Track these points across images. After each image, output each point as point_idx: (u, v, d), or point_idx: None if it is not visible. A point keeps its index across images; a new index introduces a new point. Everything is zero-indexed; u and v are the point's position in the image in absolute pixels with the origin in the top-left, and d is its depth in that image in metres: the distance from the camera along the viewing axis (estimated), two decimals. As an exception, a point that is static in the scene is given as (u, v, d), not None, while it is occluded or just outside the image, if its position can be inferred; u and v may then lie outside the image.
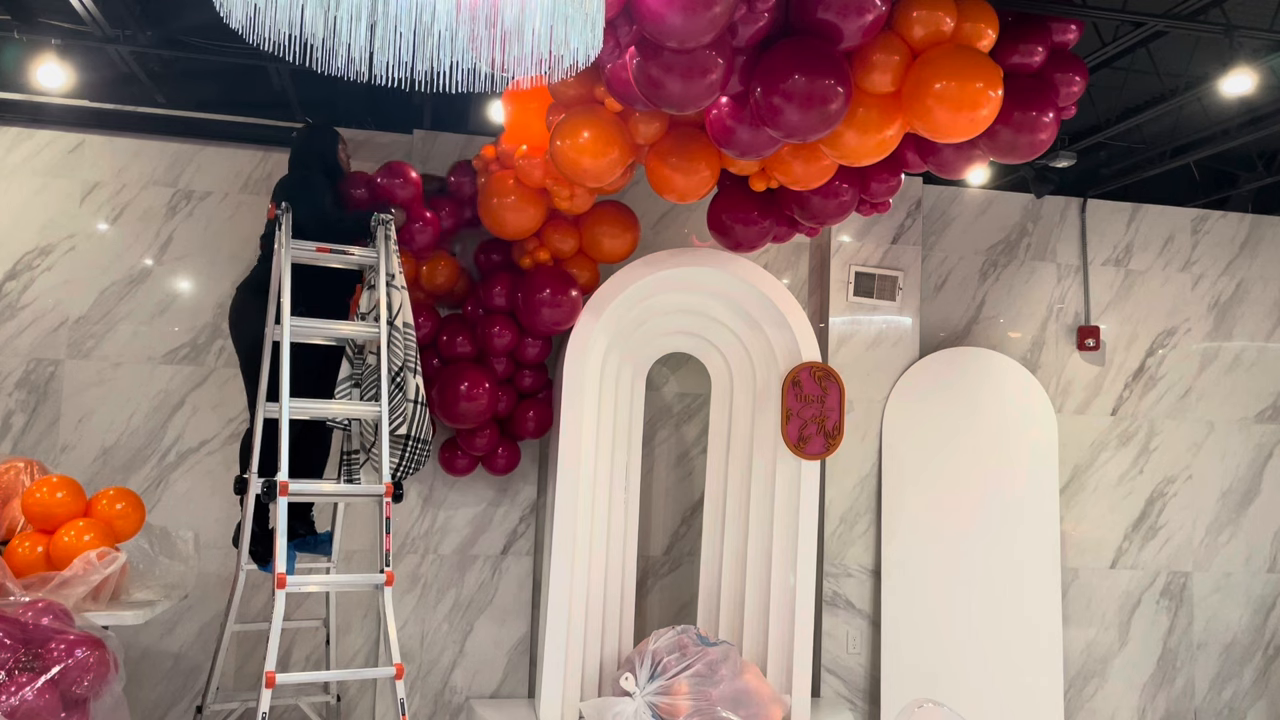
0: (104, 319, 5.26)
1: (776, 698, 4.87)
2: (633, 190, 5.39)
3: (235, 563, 4.31)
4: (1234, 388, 6.38)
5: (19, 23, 4.80)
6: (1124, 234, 6.34)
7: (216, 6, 2.45)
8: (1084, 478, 6.14)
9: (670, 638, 4.86)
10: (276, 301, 4.02)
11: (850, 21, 3.56)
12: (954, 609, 5.64)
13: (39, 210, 5.24)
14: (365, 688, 5.28)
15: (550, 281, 4.97)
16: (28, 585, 3.53)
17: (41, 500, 3.77)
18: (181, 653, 5.19)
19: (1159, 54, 5.07)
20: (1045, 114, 3.94)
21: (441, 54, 2.60)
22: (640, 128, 4.24)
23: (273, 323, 3.98)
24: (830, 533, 5.69)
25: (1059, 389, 6.15)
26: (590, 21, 2.60)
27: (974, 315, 6.14)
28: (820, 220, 4.67)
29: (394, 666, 3.66)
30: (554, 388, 5.22)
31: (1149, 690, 6.09)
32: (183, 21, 4.95)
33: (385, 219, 4.22)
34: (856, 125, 3.80)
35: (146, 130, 5.48)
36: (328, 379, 4.24)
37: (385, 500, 3.81)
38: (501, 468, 5.21)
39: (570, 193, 4.74)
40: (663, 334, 5.37)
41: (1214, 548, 6.26)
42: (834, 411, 5.17)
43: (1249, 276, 6.46)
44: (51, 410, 5.17)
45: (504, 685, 5.37)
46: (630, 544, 5.23)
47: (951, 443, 5.79)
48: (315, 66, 2.61)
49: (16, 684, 3.07)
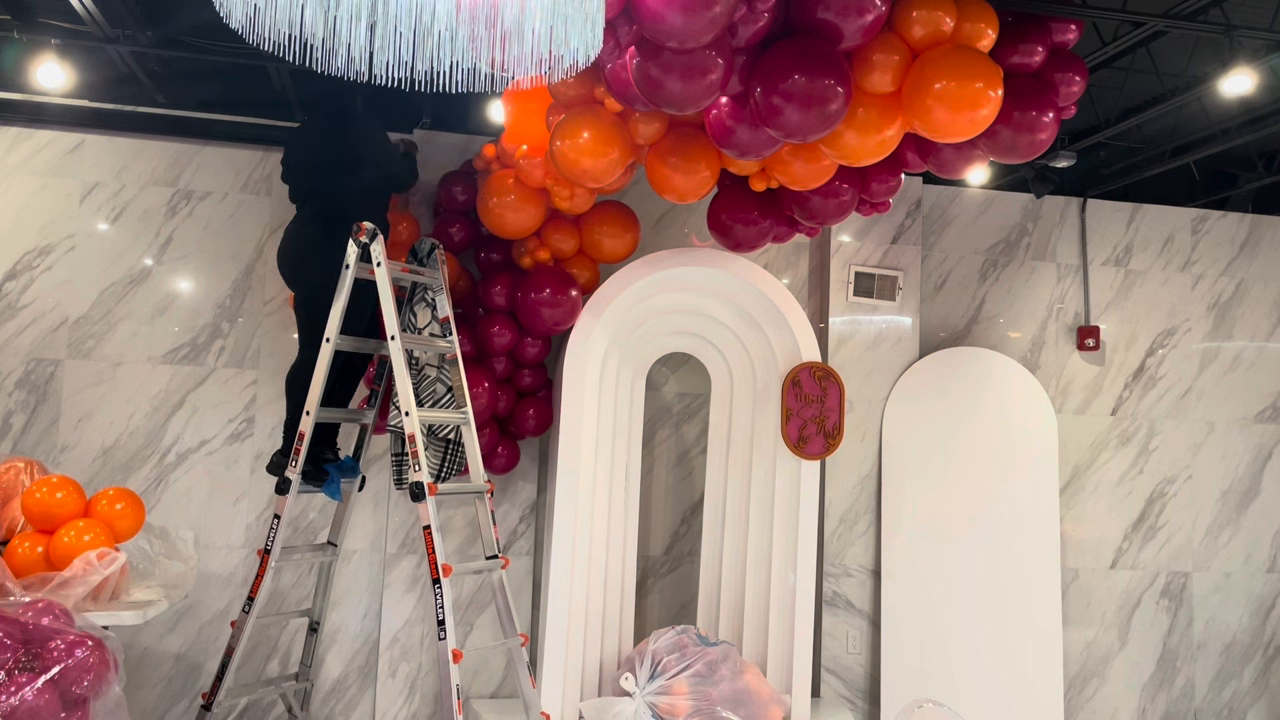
0: (104, 319, 5.26)
1: (776, 698, 4.87)
2: (633, 190, 5.39)
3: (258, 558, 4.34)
4: (1234, 388, 6.38)
5: (19, 23, 4.79)
6: (1124, 234, 6.34)
7: (216, 6, 2.45)
8: (1084, 478, 6.14)
9: (670, 638, 4.86)
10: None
11: (850, 21, 3.56)
12: (954, 609, 5.64)
13: (39, 210, 5.24)
14: (366, 685, 5.28)
15: (550, 281, 4.98)
16: (28, 585, 3.53)
17: (41, 500, 3.77)
18: (181, 653, 5.19)
19: (1159, 54, 5.07)
20: (1045, 114, 3.94)
21: (441, 54, 2.59)
22: (640, 128, 4.24)
23: (388, 339, 4.09)
24: (830, 533, 5.69)
25: (1059, 389, 6.16)
26: (590, 21, 2.60)
27: (974, 315, 6.14)
28: (820, 220, 4.67)
29: (519, 636, 4.23)
30: (554, 387, 5.22)
31: (1149, 690, 6.09)
32: (183, 21, 4.94)
33: (438, 244, 4.52)
34: (856, 125, 3.80)
35: (146, 130, 5.48)
36: (346, 374, 4.50)
37: (488, 496, 4.27)
38: (501, 467, 5.21)
39: (570, 193, 4.74)
40: (662, 334, 5.37)
41: (1214, 548, 6.26)
42: (834, 411, 5.17)
43: (1249, 276, 6.46)
44: (51, 410, 5.17)
45: (504, 685, 5.37)
46: (630, 544, 5.23)
47: (951, 443, 5.79)
48: (315, 66, 2.61)
49: (16, 684, 3.07)
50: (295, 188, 4.55)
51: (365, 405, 4.77)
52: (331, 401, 4.34)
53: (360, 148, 4.48)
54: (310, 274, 4.35)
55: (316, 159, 4.46)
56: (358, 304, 4.24)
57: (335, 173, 4.41)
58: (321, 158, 4.45)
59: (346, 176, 4.41)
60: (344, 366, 4.39)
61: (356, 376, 4.63)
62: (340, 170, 4.42)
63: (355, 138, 4.50)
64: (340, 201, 4.38)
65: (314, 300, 4.30)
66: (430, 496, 3.91)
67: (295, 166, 4.56)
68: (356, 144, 4.48)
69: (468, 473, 4.40)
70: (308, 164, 4.49)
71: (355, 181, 4.43)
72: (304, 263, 4.40)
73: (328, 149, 4.46)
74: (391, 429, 4.65)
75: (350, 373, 4.55)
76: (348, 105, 4.63)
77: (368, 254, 4.11)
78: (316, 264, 4.28)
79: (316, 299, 4.25)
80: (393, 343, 4.05)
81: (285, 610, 5.16)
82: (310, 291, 4.36)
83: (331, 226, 4.27)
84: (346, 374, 4.52)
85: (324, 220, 4.37)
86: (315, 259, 4.29)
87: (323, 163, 4.44)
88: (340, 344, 4.18)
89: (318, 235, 4.36)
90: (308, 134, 4.64)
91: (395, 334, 4.04)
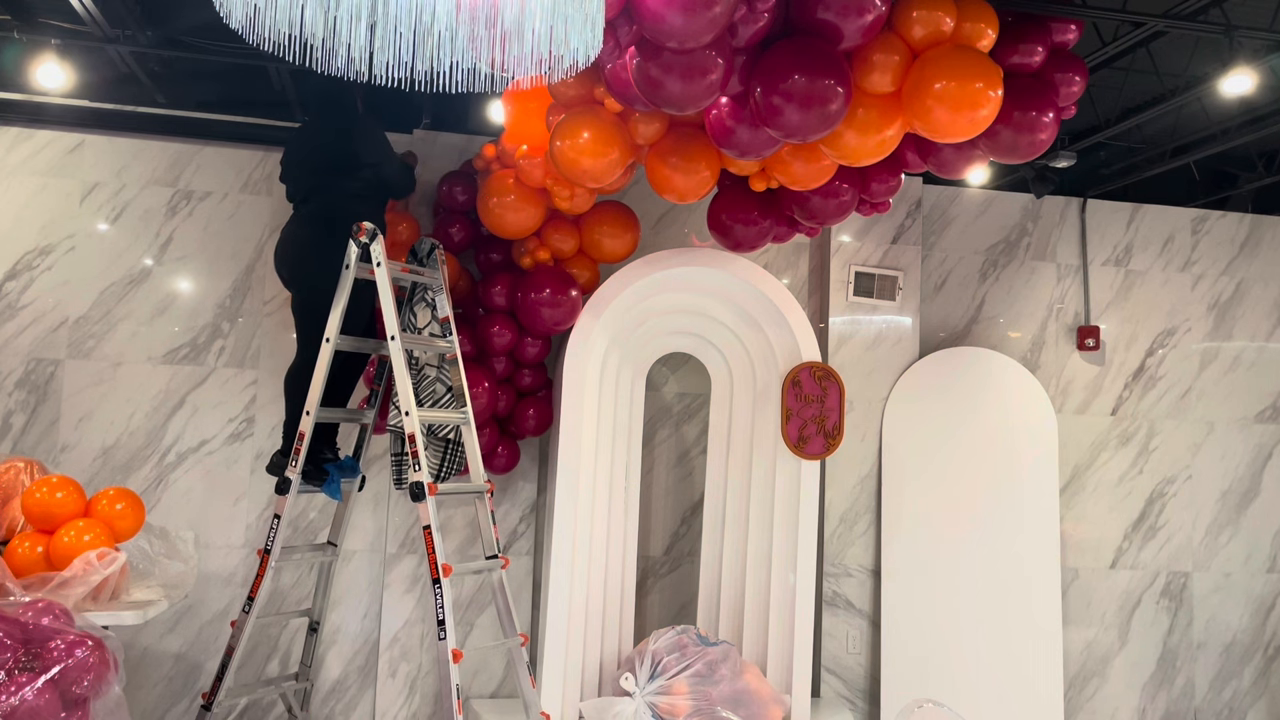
0: (104, 319, 5.26)
1: (776, 698, 4.87)
2: (633, 190, 5.39)
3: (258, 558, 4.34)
4: (1234, 388, 6.38)
5: (19, 23, 4.80)
6: (1124, 234, 6.34)
7: (216, 6, 2.45)
8: (1084, 478, 6.14)
9: (670, 638, 4.86)
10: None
11: (850, 21, 3.56)
12: (954, 609, 5.64)
13: (39, 210, 5.24)
14: (366, 685, 5.28)
15: (550, 281, 4.98)
16: (28, 585, 3.53)
17: (41, 500, 3.77)
18: (181, 653, 5.19)
19: (1159, 54, 5.07)
20: (1045, 114, 3.94)
21: (441, 54, 2.59)
22: (640, 128, 4.24)
23: (388, 339, 4.08)
24: (830, 533, 5.69)
25: (1059, 389, 6.15)
26: (590, 21, 2.60)
27: (974, 315, 6.14)
28: (820, 220, 4.67)
29: (519, 636, 4.22)
30: (554, 387, 5.22)
31: (1149, 690, 6.10)
32: (183, 21, 4.94)
33: (438, 244, 4.52)
34: (856, 125, 3.80)
35: (146, 130, 5.48)
36: (344, 374, 4.48)
37: (488, 495, 4.27)
38: (501, 467, 5.21)
39: (570, 193, 4.74)
40: (662, 334, 5.37)
41: (1214, 548, 6.26)
42: (834, 411, 5.17)
43: (1249, 276, 6.46)
44: (51, 410, 5.17)
45: (504, 685, 5.37)
46: (630, 544, 5.23)
47: (951, 443, 5.79)
48: (315, 66, 2.61)
49: (16, 684, 3.07)
50: (294, 188, 4.55)
51: (365, 405, 4.77)
52: (331, 401, 4.34)
53: (360, 148, 4.47)
54: (309, 274, 4.35)
55: (316, 159, 4.46)
56: (357, 304, 4.24)
57: (334, 173, 4.41)
58: (321, 158, 4.45)
59: (345, 177, 4.41)
60: (343, 366, 4.39)
61: (356, 376, 4.63)
62: (339, 171, 4.41)
63: (355, 138, 4.50)
64: (339, 202, 4.38)
65: (312, 301, 4.29)
66: (430, 496, 3.91)
67: (294, 166, 4.56)
68: (356, 144, 4.48)
69: (468, 473, 4.40)
70: (308, 164, 4.49)
71: (354, 182, 4.42)
72: (302, 263, 4.40)
73: (327, 149, 4.46)
74: (391, 429, 4.65)
75: (349, 372, 4.55)
76: (348, 105, 4.63)
77: (368, 254, 4.11)
78: (315, 264, 4.28)
79: (315, 299, 4.25)
80: (393, 343, 4.05)
81: (285, 610, 5.16)
82: (308, 292, 4.36)
83: (330, 227, 4.27)
84: (346, 374, 4.52)
85: (322, 220, 4.36)
86: (314, 259, 4.29)
87: (322, 163, 4.43)
88: (340, 344, 4.19)
89: (316, 236, 4.35)
90: (307, 134, 4.64)
91: (395, 334, 4.04)
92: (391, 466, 4.75)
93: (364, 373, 4.73)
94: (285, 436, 4.44)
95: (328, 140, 4.49)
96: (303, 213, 4.48)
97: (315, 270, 4.26)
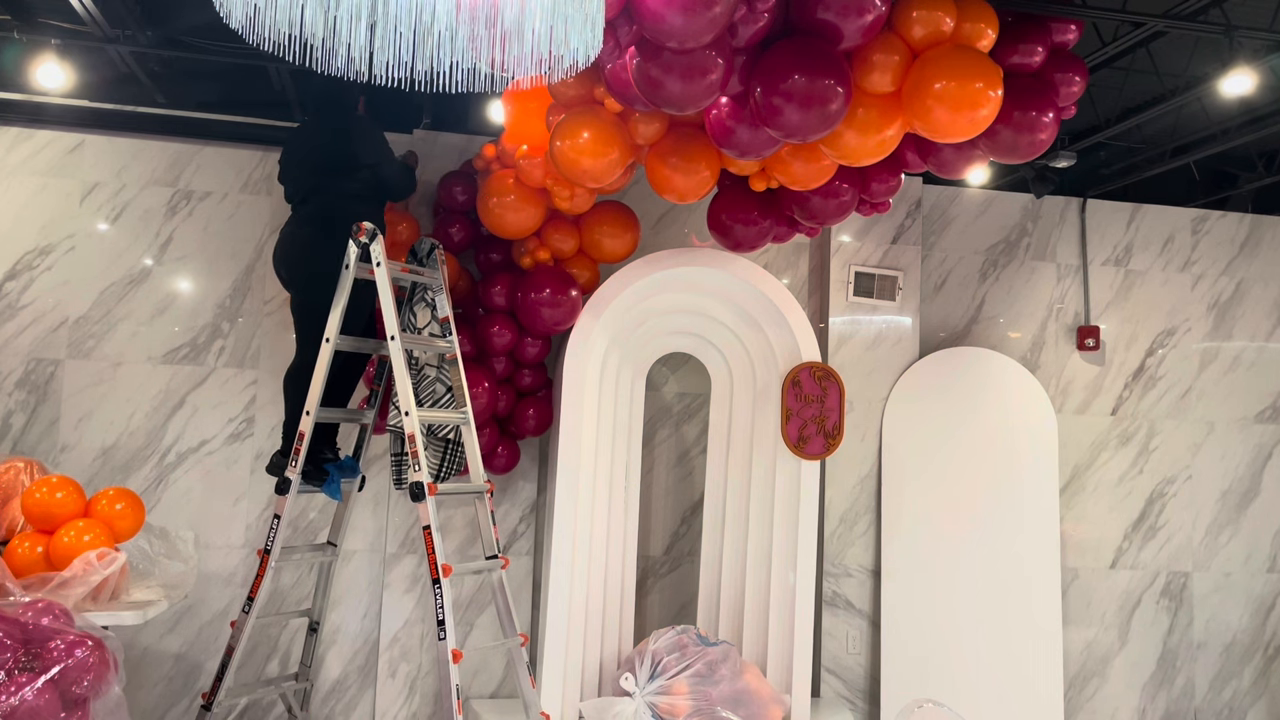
0: (104, 319, 5.26)
1: (776, 698, 4.87)
2: (633, 190, 5.39)
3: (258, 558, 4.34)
4: (1234, 388, 6.38)
5: (19, 23, 4.79)
6: (1124, 234, 6.34)
7: (216, 6, 2.45)
8: (1084, 478, 6.14)
9: (670, 638, 4.86)
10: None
11: (850, 21, 3.56)
12: (954, 609, 5.64)
13: (39, 210, 5.24)
14: (366, 685, 5.28)
15: (550, 281, 4.98)
16: (28, 585, 3.53)
17: (41, 500, 3.77)
18: (181, 653, 5.19)
19: (1159, 54, 5.07)
20: (1045, 114, 3.94)
21: (441, 54, 2.60)
22: (640, 128, 4.24)
23: (387, 339, 4.08)
24: (830, 533, 5.69)
25: (1059, 389, 6.15)
26: (590, 21, 2.60)
27: (974, 315, 6.14)
28: (820, 220, 4.67)
29: (519, 636, 4.22)
30: (554, 387, 5.22)
31: (1149, 690, 6.09)
32: (183, 21, 4.94)
33: (438, 244, 4.51)
34: (856, 125, 3.80)
35: (146, 130, 5.48)
36: (344, 374, 4.48)
37: (488, 495, 4.27)
38: (501, 467, 5.21)
39: (570, 193, 4.74)
40: (662, 334, 5.37)
41: (1214, 548, 6.26)
42: (834, 411, 5.17)
43: (1249, 276, 6.46)
44: (51, 410, 5.17)
45: (504, 685, 5.37)
46: (630, 544, 5.23)
47: (951, 443, 5.79)
48: (315, 66, 2.61)
49: (16, 684, 3.07)
50: (293, 188, 4.54)
51: (365, 405, 4.77)
52: (331, 401, 4.34)
53: (358, 148, 4.47)
54: (308, 274, 4.35)
55: (315, 159, 4.46)
56: (357, 304, 4.24)
57: (333, 173, 4.41)
58: (319, 158, 4.45)
59: (344, 177, 4.41)
60: (343, 366, 4.39)
61: (356, 376, 4.63)
62: (338, 171, 4.41)
63: (353, 138, 4.50)
64: (338, 202, 4.38)
65: (312, 301, 4.29)
66: (430, 496, 3.91)
67: (293, 166, 4.55)
68: (354, 144, 4.47)
69: (467, 473, 4.40)
70: (306, 164, 4.49)
71: (353, 182, 4.42)
72: (301, 263, 4.40)
73: (326, 149, 4.46)
74: (391, 429, 4.65)
75: (349, 373, 4.55)
76: (347, 105, 4.63)
77: (368, 254, 4.11)
78: (314, 264, 4.27)
79: (314, 299, 4.25)
80: (392, 343, 4.05)
81: (285, 610, 5.16)
82: (308, 292, 4.36)
83: (329, 227, 4.27)
84: (345, 374, 4.52)
85: (321, 221, 4.36)
86: (313, 259, 4.29)
87: (321, 163, 4.43)
88: (340, 344, 4.19)
89: (315, 236, 4.35)
90: (306, 134, 4.64)
91: (395, 334, 4.04)
92: (391, 466, 4.75)
93: (364, 373, 4.73)
94: (285, 437, 4.44)
95: (326, 140, 4.49)
96: (302, 213, 4.48)
97: (315, 270, 4.26)
